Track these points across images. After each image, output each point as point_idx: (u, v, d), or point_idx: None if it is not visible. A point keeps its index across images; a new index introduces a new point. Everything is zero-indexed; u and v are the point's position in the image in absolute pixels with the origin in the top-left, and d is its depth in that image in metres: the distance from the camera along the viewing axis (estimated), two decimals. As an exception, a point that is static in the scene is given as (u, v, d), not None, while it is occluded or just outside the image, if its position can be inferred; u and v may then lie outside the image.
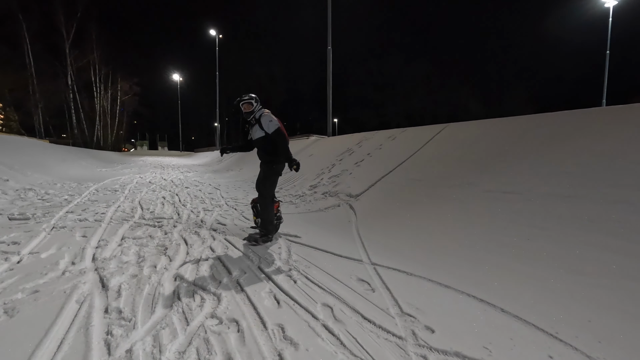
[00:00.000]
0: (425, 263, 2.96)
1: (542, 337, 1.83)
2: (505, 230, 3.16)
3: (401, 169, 5.76)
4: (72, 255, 3.08)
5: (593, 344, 1.76)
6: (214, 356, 1.64)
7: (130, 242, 3.55)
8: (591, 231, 2.70)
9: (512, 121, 5.43)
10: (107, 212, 5.04)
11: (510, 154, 4.40)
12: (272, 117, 3.68)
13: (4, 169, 7.96)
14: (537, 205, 3.28)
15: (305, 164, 9.53)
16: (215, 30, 30.31)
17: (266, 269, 2.84)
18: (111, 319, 1.98)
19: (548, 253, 2.68)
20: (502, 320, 2.01)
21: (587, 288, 2.23)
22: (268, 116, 3.68)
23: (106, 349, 1.69)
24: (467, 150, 5.15)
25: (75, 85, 27.44)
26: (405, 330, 1.91)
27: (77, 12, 26.18)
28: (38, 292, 2.28)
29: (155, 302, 2.21)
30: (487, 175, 4.17)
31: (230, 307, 2.15)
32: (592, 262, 2.43)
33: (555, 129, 4.42)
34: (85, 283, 2.46)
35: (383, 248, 3.42)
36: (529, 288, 2.36)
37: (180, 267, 2.85)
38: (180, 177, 11.94)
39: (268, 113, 3.73)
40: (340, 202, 5.48)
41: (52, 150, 13.98)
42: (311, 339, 1.81)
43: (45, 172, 9.75)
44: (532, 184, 3.60)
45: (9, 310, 2.02)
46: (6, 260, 2.87)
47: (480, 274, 2.64)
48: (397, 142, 7.29)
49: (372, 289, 2.47)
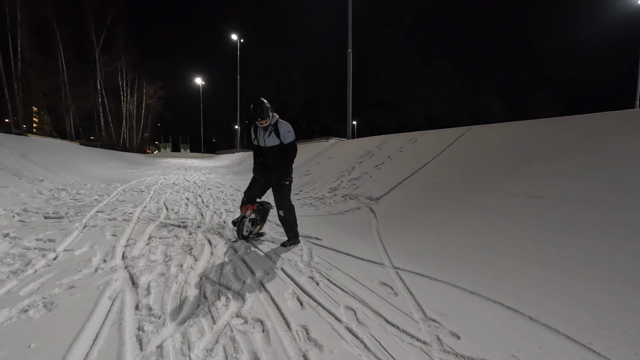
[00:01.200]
0: (448, 268, 2.92)
1: (573, 348, 1.77)
2: (532, 236, 3.07)
3: (423, 172, 5.69)
4: (103, 253, 3.21)
5: (629, 356, 1.69)
6: (240, 355, 1.68)
7: (157, 241, 3.67)
8: (625, 238, 2.59)
9: (539, 124, 5.27)
10: (135, 212, 5.23)
11: (537, 157, 4.27)
12: (289, 127, 3.56)
13: (39, 170, 8.39)
14: (566, 211, 3.17)
15: (325, 167, 9.56)
16: (236, 35, 30.90)
17: (288, 271, 2.87)
18: (142, 315, 2.05)
19: (578, 260, 2.59)
20: (531, 329, 1.96)
21: (621, 298, 2.14)
22: (286, 125, 3.54)
23: (138, 344, 1.76)
24: (491, 154, 5.04)
25: (104, 89, 28.61)
26: (429, 336, 1.89)
27: (106, 20, 27.32)
28: (74, 288, 2.39)
29: (182, 300, 2.28)
30: (512, 180, 4.07)
31: (254, 307, 2.19)
32: (626, 270, 2.33)
33: (585, 132, 4.26)
34: (117, 280, 2.56)
35: (405, 252, 3.39)
36: (559, 296, 2.29)
37: (205, 267, 2.92)
38: (202, 178, 12.21)
39: (282, 120, 3.58)
40: (360, 205, 5.46)
41: (82, 152, 14.61)
42: (335, 341, 1.82)
43: (76, 172, 10.20)
44: (561, 189, 3.48)
45: (47, 305, 2.14)
46: (43, 256, 3.03)
47: (506, 281, 2.58)
48: (418, 144, 7.21)
49: (395, 293, 2.45)
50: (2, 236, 3.57)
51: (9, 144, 9.02)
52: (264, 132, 3.57)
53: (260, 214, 3.89)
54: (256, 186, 3.81)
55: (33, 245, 3.33)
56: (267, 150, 3.64)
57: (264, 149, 3.65)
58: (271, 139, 3.57)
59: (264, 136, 3.58)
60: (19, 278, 2.53)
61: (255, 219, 3.83)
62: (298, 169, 11.19)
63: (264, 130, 3.56)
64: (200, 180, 11.55)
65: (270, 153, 3.64)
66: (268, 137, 3.57)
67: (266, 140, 3.59)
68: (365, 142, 9.98)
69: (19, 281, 2.47)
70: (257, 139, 3.65)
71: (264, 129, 3.56)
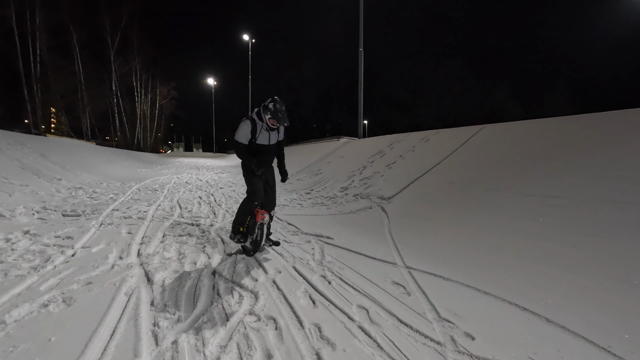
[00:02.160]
0: (461, 268, 2.88)
1: (593, 351, 1.73)
2: (549, 236, 3.00)
3: (435, 171, 5.63)
4: (119, 250, 3.28)
5: (651, 360, 1.64)
6: (254, 352, 1.69)
7: (171, 239, 3.72)
8: (647, 239, 2.51)
9: (556, 122, 5.15)
10: (149, 211, 5.32)
11: (554, 156, 4.18)
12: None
13: (57, 169, 8.61)
14: (585, 211, 3.09)
15: (336, 166, 9.55)
16: (248, 35, 31.10)
17: (300, 269, 2.88)
18: (157, 311, 2.09)
19: (597, 262, 2.52)
20: (548, 331, 1.92)
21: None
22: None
23: (154, 339, 1.79)
24: (506, 153, 4.95)
25: (119, 90, 29.17)
26: (443, 336, 1.87)
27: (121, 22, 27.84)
28: (91, 284, 2.45)
29: (196, 297, 2.31)
30: (528, 179, 3.99)
31: (267, 305, 2.20)
32: (648, 272, 2.26)
33: (604, 130, 4.15)
34: (132, 277, 2.61)
35: (417, 251, 3.36)
36: (577, 298, 2.23)
37: (218, 265, 2.95)
38: (214, 177, 12.34)
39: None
40: (372, 204, 5.44)
41: (98, 151, 14.94)
42: (348, 340, 1.82)
43: (92, 172, 10.43)
44: (579, 189, 3.40)
45: (66, 300, 2.19)
46: (62, 253, 3.11)
47: (521, 282, 2.53)
48: (430, 144, 7.13)
49: (408, 293, 2.43)
50: (23, 233, 3.68)
51: (29, 144, 9.28)
52: (271, 131, 3.39)
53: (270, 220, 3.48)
54: (261, 187, 3.43)
55: (52, 242, 3.42)
56: (269, 148, 3.45)
57: (266, 147, 3.42)
58: (275, 136, 3.45)
59: (269, 134, 3.39)
60: (39, 274, 2.60)
61: (269, 224, 3.44)
62: (309, 168, 11.21)
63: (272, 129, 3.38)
64: (212, 179, 11.67)
65: (272, 150, 3.48)
66: (274, 134, 3.43)
67: (271, 138, 3.42)
68: (377, 141, 9.93)
69: (39, 277, 2.55)
70: (257, 138, 3.35)
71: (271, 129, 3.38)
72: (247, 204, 3.36)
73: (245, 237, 3.32)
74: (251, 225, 3.28)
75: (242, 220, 3.33)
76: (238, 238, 3.32)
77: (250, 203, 3.33)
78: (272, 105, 3.20)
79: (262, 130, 3.32)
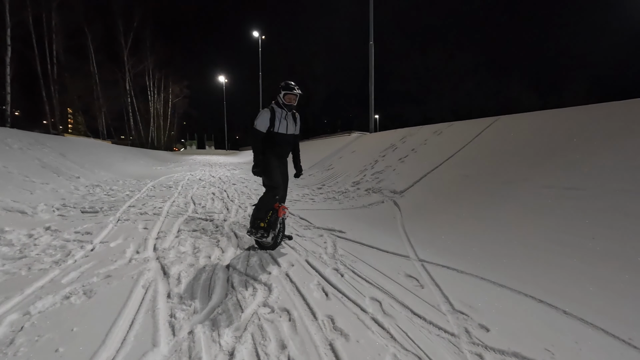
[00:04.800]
0: (476, 261, 2.85)
1: (612, 343, 1.69)
2: (567, 228, 2.94)
3: (448, 164, 5.56)
4: (136, 245, 3.36)
5: (675, 353, 1.59)
6: (268, 342, 1.72)
7: (185, 234, 3.79)
8: (670, 231, 2.43)
9: (573, 112, 5.01)
10: (164, 207, 5.42)
11: (571, 147, 4.07)
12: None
13: (76, 167, 8.84)
14: (604, 203, 3.01)
15: (347, 161, 9.53)
16: (258, 32, 31.17)
17: (313, 262, 2.89)
18: (173, 303, 2.14)
19: (616, 253, 2.46)
20: (566, 323, 1.89)
21: (666, 293, 2.02)
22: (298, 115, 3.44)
23: (171, 330, 1.83)
24: (521, 145, 4.85)
25: (133, 90, 29.68)
26: (458, 328, 1.86)
27: (134, 22, 28.26)
28: (110, 277, 2.52)
29: (211, 289, 2.35)
30: (545, 171, 3.90)
31: (281, 297, 2.23)
32: (672, 264, 2.19)
33: (623, 119, 4.01)
34: (150, 270, 2.67)
35: (430, 245, 3.33)
36: (596, 290, 2.19)
37: (232, 258, 3.00)
38: (227, 174, 12.47)
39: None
40: (384, 199, 5.41)
41: (114, 150, 15.27)
42: (361, 331, 1.82)
43: (109, 170, 10.68)
44: (598, 180, 3.31)
45: (87, 292, 2.26)
46: (82, 248, 3.20)
47: (538, 275, 2.49)
48: (443, 137, 7.04)
49: (421, 285, 2.42)
50: (44, 229, 3.80)
51: (48, 144, 9.55)
52: (290, 119, 3.32)
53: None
54: (281, 181, 3.36)
55: (72, 238, 3.53)
56: (288, 138, 3.33)
57: (285, 136, 3.30)
58: (292, 127, 3.35)
59: (287, 123, 3.29)
60: (60, 267, 2.69)
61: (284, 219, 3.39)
62: (321, 163, 11.21)
63: (290, 117, 3.32)
64: (225, 175, 11.80)
65: (290, 141, 3.38)
66: (292, 124, 3.34)
67: (289, 127, 3.31)
68: (388, 135, 9.85)
69: (61, 270, 2.63)
70: (275, 126, 3.25)
71: (291, 115, 3.33)
72: (269, 198, 3.26)
73: (267, 232, 3.20)
74: (273, 221, 3.22)
75: (263, 216, 3.22)
76: (261, 234, 3.19)
77: (272, 198, 3.26)
78: (283, 83, 3.26)
79: (282, 118, 3.26)
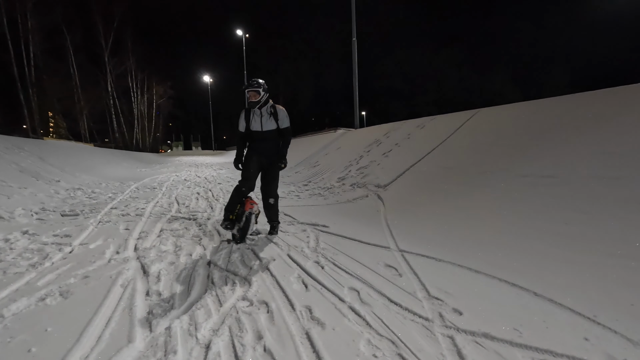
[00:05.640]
0: (455, 250, 2.91)
1: (578, 320, 1.76)
2: (542, 215, 3.03)
3: (431, 157, 5.64)
4: (116, 245, 3.32)
5: (636, 326, 1.67)
6: (245, 334, 1.73)
7: (168, 233, 3.76)
8: (637, 213, 2.53)
9: (548, 103, 5.14)
10: (147, 208, 5.36)
11: (548, 137, 4.18)
12: (286, 112, 3.60)
13: (56, 171, 8.65)
14: (578, 189, 3.11)
15: (333, 157, 9.56)
16: (241, 30, 30.92)
17: (295, 256, 2.91)
18: (152, 300, 2.13)
19: (588, 237, 2.55)
20: (535, 304, 1.95)
21: (630, 272, 2.10)
22: (283, 110, 3.58)
23: (148, 326, 1.82)
24: (500, 136, 4.96)
25: (115, 91, 29.13)
26: (432, 313, 1.90)
27: (113, 23, 27.69)
28: (88, 277, 2.49)
29: (191, 286, 2.35)
30: (523, 160, 4.00)
31: (260, 291, 2.24)
32: (637, 244, 2.28)
33: (597, 108, 4.14)
34: (129, 270, 2.65)
35: (412, 236, 3.39)
36: (566, 272, 2.26)
37: (213, 255, 2.99)
38: (213, 174, 12.37)
39: (279, 106, 3.60)
40: (368, 193, 5.46)
41: (96, 153, 14.98)
42: (338, 320, 1.85)
43: (91, 173, 10.48)
44: (572, 167, 3.41)
45: (63, 293, 2.23)
46: (60, 250, 3.14)
47: (513, 260, 2.56)
48: (426, 130, 7.13)
49: (400, 274, 2.47)
50: (22, 233, 3.71)
51: (26, 148, 9.32)
52: (262, 116, 3.52)
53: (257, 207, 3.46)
54: (254, 175, 3.54)
55: (50, 241, 3.46)
56: (263, 134, 3.54)
57: (260, 133, 3.54)
58: (269, 123, 3.53)
59: (261, 120, 3.52)
60: (37, 270, 2.64)
61: (257, 214, 3.47)
62: (307, 160, 11.22)
63: (262, 114, 3.52)
64: (211, 175, 11.70)
65: (267, 137, 3.56)
66: (266, 120, 3.53)
67: (264, 123, 3.52)
68: (373, 131, 9.92)
69: (37, 273, 2.58)
70: (250, 124, 3.55)
71: (261, 112, 3.51)
72: (237, 190, 3.45)
73: (233, 224, 3.36)
74: (239, 214, 3.35)
75: (232, 208, 3.39)
76: (226, 225, 3.39)
77: (239, 190, 3.43)
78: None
79: (255, 116, 3.55)
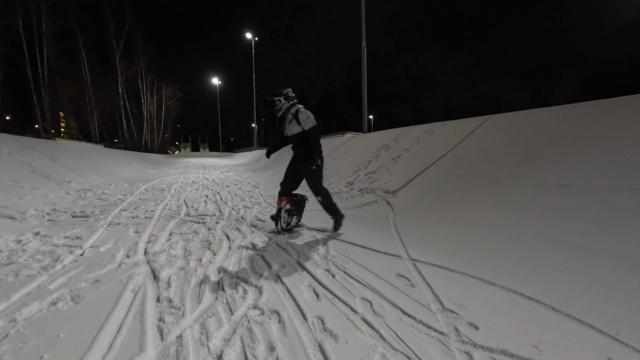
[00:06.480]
0: (467, 260, 2.86)
1: (599, 338, 1.70)
2: (557, 225, 2.96)
3: (440, 163, 5.59)
4: (126, 249, 3.33)
5: (660, 347, 1.61)
6: (257, 344, 1.71)
7: (177, 237, 3.76)
8: (657, 226, 2.46)
9: (562, 110, 5.06)
10: (156, 210, 5.38)
11: (561, 145, 4.11)
12: (309, 114, 3.83)
13: (67, 172, 8.75)
14: (593, 199, 3.04)
15: (341, 161, 9.53)
16: (251, 34, 31.13)
17: (305, 263, 2.89)
18: (162, 307, 2.12)
19: (605, 249, 2.48)
20: (554, 320, 1.90)
21: (652, 287, 2.04)
22: (305, 113, 3.82)
23: (159, 334, 1.81)
24: (512, 143, 4.89)
25: (125, 93, 29.50)
26: (447, 326, 1.86)
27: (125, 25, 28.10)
28: (99, 282, 2.49)
29: (201, 292, 2.33)
30: (535, 169, 3.93)
31: (271, 299, 2.22)
32: (658, 259, 2.22)
33: (613, 116, 4.06)
34: (139, 274, 2.65)
35: (422, 244, 3.34)
36: (584, 286, 2.20)
37: (223, 261, 2.98)
38: (221, 176, 12.42)
39: (303, 109, 3.89)
40: (377, 199, 5.42)
41: (106, 154, 15.15)
42: (351, 332, 1.82)
43: (101, 174, 10.58)
44: (588, 176, 3.34)
45: (75, 297, 2.23)
46: (71, 252, 3.16)
47: (527, 272, 2.50)
48: (435, 136, 7.07)
49: (412, 285, 2.43)
50: (33, 234, 3.75)
51: (38, 148, 9.44)
52: (292, 121, 3.86)
53: (296, 205, 4.07)
54: (290, 177, 4.06)
55: (62, 243, 3.49)
56: (291, 139, 3.94)
57: (290, 138, 3.95)
58: (293, 127, 3.87)
59: (288, 125, 3.91)
60: (48, 273, 2.65)
61: (291, 210, 4.00)
62: (314, 164, 11.18)
63: (287, 119, 3.90)
64: (219, 178, 11.75)
65: (295, 141, 3.92)
66: (289, 125, 3.89)
67: (290, 129, 3.90)
68: (382, 135, 9.88)
69: (49, 276, 2.60)
70: (284, 129, 3.99)
71: (287, 118, 3.90)
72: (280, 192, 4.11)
73: (274, 219, 4.07)
74: (277, 210, 3.99)
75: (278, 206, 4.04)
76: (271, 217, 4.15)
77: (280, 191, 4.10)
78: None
79: (286, 122, 3.96)
